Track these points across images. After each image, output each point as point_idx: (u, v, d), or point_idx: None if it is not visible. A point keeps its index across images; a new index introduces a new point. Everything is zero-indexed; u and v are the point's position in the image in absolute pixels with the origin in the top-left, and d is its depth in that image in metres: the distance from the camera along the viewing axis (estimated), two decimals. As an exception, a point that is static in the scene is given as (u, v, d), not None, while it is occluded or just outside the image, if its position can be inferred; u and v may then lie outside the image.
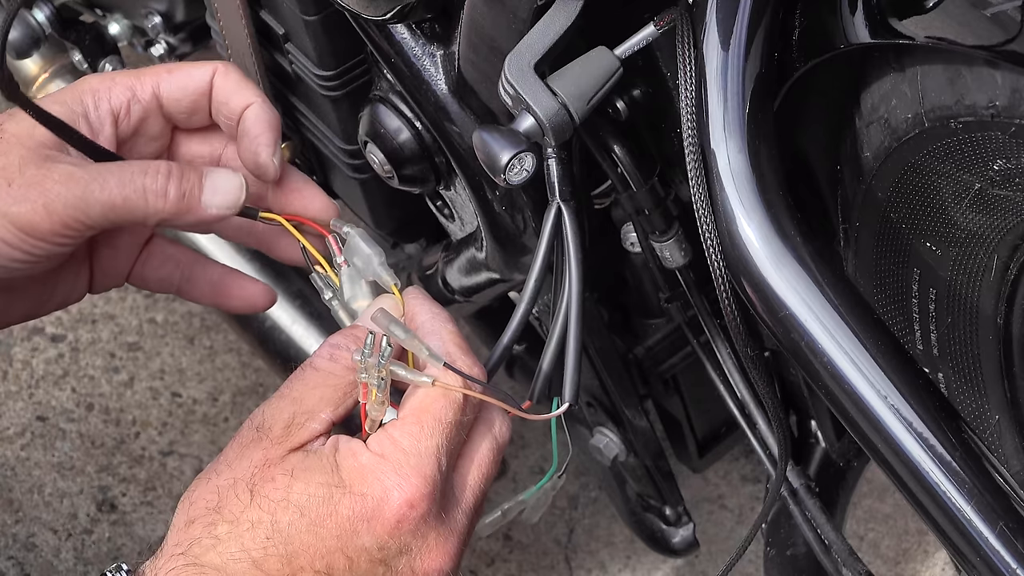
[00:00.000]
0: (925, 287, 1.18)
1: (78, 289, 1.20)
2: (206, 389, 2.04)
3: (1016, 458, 1.25)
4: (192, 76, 1.16)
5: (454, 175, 1.34)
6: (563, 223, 1.09)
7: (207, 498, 1.03)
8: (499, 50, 1.14)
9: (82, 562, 1.91)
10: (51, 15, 1.67)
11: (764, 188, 1.05)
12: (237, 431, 1.06)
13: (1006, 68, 0.97)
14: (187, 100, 1.16)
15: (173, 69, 1.17)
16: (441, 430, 1.04)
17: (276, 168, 1.15)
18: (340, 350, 1.06)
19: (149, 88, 1.16)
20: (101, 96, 1.15)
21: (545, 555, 1.92)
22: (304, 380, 1.06)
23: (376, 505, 1.02)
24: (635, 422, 1.57)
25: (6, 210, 1.09)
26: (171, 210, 1.11)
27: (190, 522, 1.03)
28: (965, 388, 1.24)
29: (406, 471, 1.02)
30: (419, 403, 1.04)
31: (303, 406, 1.05)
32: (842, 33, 1.04)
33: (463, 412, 1.05)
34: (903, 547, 1.92)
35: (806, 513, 1.40)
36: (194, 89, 1.16)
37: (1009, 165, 1.03)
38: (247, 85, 1.16)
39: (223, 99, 1.16)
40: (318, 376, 1.06)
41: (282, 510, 1.01)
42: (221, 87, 1.16)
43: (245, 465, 1.03)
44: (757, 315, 1.06)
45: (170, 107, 1.17)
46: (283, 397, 1.06)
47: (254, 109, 1.15)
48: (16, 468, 1.98)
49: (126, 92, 1.16)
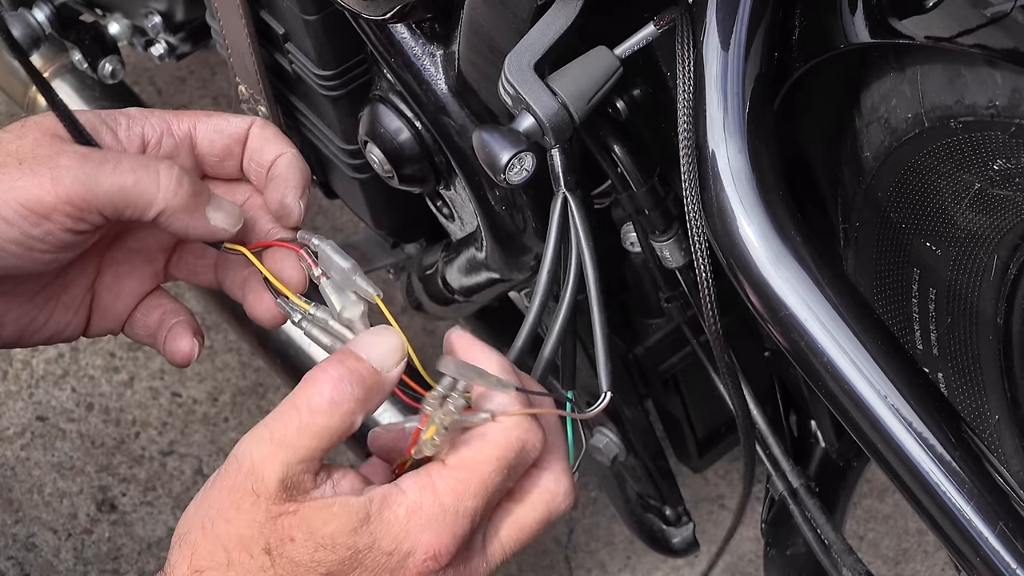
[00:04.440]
0: (925, 287, 1.18)
1: (72, 326, 1.19)
2: (206, 389, 2.04)
3: (1016, 458, 1.25)
4: (230, 122, 1.16)
5: (454, 175, 1.34)
6: (570, 213, 1.09)
7: (213, 552, 0.99)
8: (499, 50, 1.14)
9: (82, 562, 1.91)
10: (51, 15, 1.67)
11: (764, 188, 1.05)
12: (223, 467, 1.00)
13: (1006, 68, 0.97)
14: (221, 143, 1.16)
15: (212, 115, 1.17)
16: (484, 493, 0.99)
17: (301, 211, 1.14)
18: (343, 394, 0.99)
19: (185, 127, 1.16)
20: (135, 121, 1.15)
21: (545, 555, 1.92)
22: (300, 427, 0.99)
23: (401, 560, 0.99)
24: (635, 422, 1.57)
25: (11, 184, 1.07)
26: (179, 204, 1.09)
27: (198, 572, 0.99)
28: (965, 388, 1.24)
29: (439, 527, 0.98)
30: (470, 458, 0.99)
31: (296, 454, 0.98)
32: (842, 33, 1.04)
33: (510, 477, 1.00)
34: (903, 547, 1.92)
35: (806, 513, 1.40)
36: (230, 134, 1.16)
37: (1009, 165, 1.03)
38: (283, 138, 1.16)
39: (257, 147, 1.16)
40: (316, 426, 0.99)
41: (305, 574, 0.98)
42: (257, 136, 1.16)
43: (246, 522, 0.98)
44: (757, 315, 1.06)
45: (203, 149, 1.16)
46: (273, 440, 0.98)
47: (288, 157, 1.15)
48: (16, 468, 1.98)
49: (161, 124, 1.15)
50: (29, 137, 1.10)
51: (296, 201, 1.14)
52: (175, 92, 2.26)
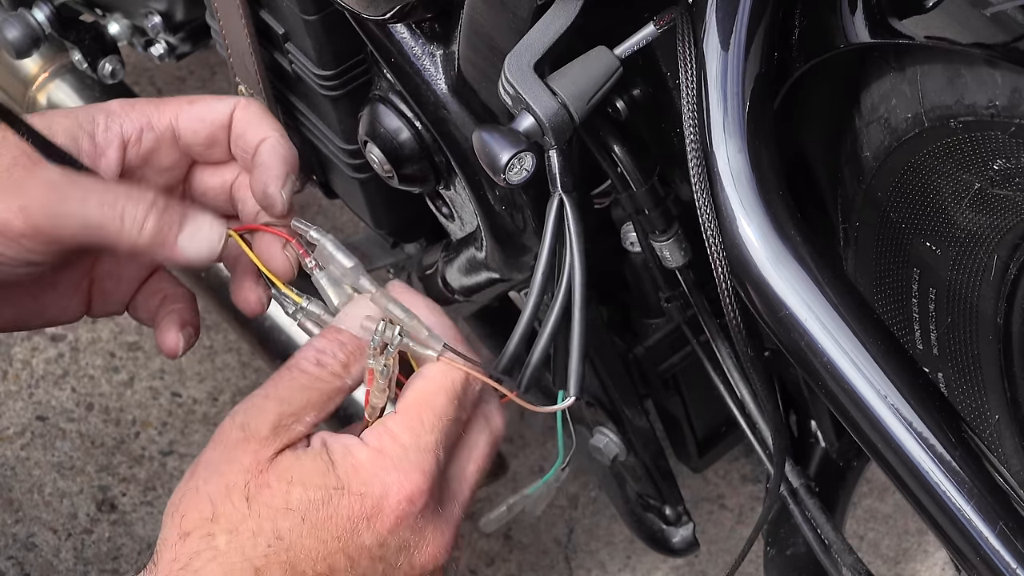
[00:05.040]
0: (925, 287, 1.18)
1: (72, 309, 1.19)
2: (206, 389, 2.04)
3: (1016, 458, 1.25)
4: (212, 108, 1.15)
5: (454, 175, 1.34)
6: (565, 215, 1.09)
7: (200, 508, 1.02)
8: (499, 50, 1.14)
9: (82, 562, 1.91)
10: (51, 15, 1.66)
11: (764, 188, 1.05)
12: (217, 430, 1.05)
13: (1006, 68, 0.97)
14: (205, 131, 1.15)
15: (195, 101, 1.16)
16: (440, 426, 1.04)
17: (284, 201, 1.13)
18: (326, 355, 1.06)
19: (167, 118, 1.15)
20: (114, 119, 1.14)
21: (545, 555, 1.92)
22: (290, 382, 1.06)
23: (376, 503, 1.02)
24: (635, 422, 1.57)
25: None
26: (144, 243, 1.08)
27: (185, 535, 1.02)
28: (965, 388, 1.24)
29: (405, 467, 1.02)
30: (418, 397, 1.04)
31: (290, 407, 1.04)
32: (842, 33, 1.04)
33: (461, 408, 1.05)
34: (903, 547, 1.92)
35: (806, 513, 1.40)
36: (212, 120, 1.15)
37: (1009, 165, 1.03)
38: (266, 119, 1.15)
39: (241, 131, 1.15)
40: (304, 379, 1.06)
41: (282, 517, 1.01)
42: (241, 119, 1.15)
43: (235, 470, 1.03)
44: (757, 315, 1.06)
45: (187, 138, 1.15)
46: (268, 397, 1.05)
47: (270, 142, 1.14)
48: (16, 468, 1.98)
49: (141, 119, 1.14)
50: (6, 156, 1.09)
51: (279, 191, 1.13)
52: (175, 92, 2.26)
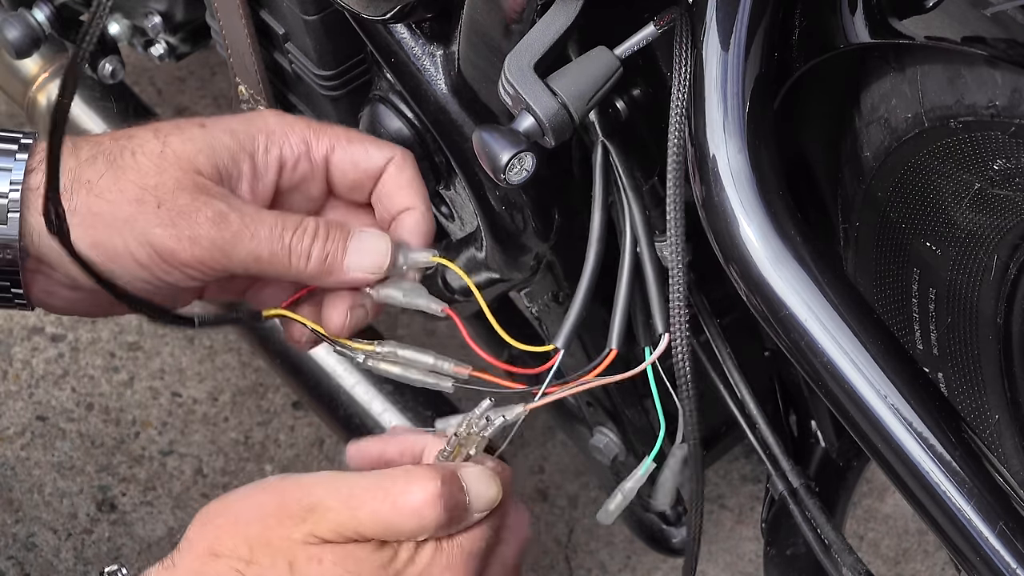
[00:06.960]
0: (925, 287, 1.18)
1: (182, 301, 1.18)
2: (206, 389, 2.04)
3: (1016, 458, 1.25)
4: (369, 155, 1.15)
5: (454, 175, 1.34)
6: (612, 159, 1.09)
7: (237, 545, 1.01)
8: (499, 50, 1.14)
9: (82, 562, 1.91)
10: (51, 15, 1.66)
11: (764, 188, 1.05)
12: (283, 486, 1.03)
13: (1006, 68, 0.97)
14: (353, 177, 1.15)
15: (353, 140, 1.15)
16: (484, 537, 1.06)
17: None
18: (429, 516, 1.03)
19: (324, 150, 1.14)
20: (273, 141, 1.13)
21: (545, 555, 1.92)
22: (375, 512, 1.02)
23: None
24: (635, 422, 1.57)
25: (149, 230, 1.06)
26: (312, 273, 1.10)
27: (215, 555, 1.01)
28: (965, 388, 1.24)
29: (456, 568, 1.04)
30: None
31: (359, 528, 1.02)
32: (842, 33, 1.04)
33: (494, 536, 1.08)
34: (903, 547, 1.92)
35: (806, 513, 1.40)
36: (365, 169, 1.15)
37: (1009, 165, 1.03)
38: (417, 187, 1.15)
39: (389, 191, 1.15)
40: (391, 520, 1.02)
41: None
42: (391, 179, 1.15)
43: (282, 536, 1.01)
44: (757, 315, 1.06)
45: (335, 177, 1.16)
46: (348, 505, 1.02)
47: (415, 216, 1.15)
48: (16, 468, 1.98)
49: (300, 145, 1.14)
50: (169, 175, 1.08)
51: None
52: (175, 92, 2.26)
